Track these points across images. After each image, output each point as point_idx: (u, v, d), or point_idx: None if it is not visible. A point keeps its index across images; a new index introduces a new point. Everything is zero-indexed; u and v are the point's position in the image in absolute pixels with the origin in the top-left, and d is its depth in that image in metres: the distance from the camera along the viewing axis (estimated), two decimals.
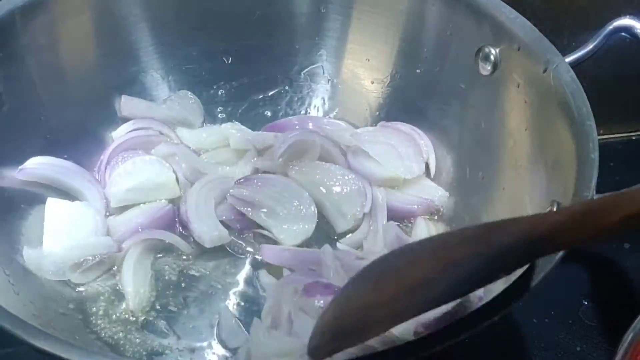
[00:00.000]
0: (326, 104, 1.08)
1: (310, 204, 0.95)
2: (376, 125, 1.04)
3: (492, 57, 0.89)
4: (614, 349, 0.76)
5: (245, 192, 0.94)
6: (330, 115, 1.08)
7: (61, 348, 0.61)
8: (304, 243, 0.93)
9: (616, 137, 1.18)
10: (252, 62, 1.05)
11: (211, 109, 1.06)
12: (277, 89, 1.07)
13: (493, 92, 0.90)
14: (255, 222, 0.94)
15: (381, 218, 0.95)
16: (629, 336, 0.75)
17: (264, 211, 0.94)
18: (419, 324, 0.70)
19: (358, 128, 1.04)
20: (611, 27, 0.83)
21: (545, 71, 0.82)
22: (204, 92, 1.06)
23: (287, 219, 0.94)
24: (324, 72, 1.06)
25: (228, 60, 1.05)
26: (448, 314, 0.69)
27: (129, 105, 1.01)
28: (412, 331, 0.70)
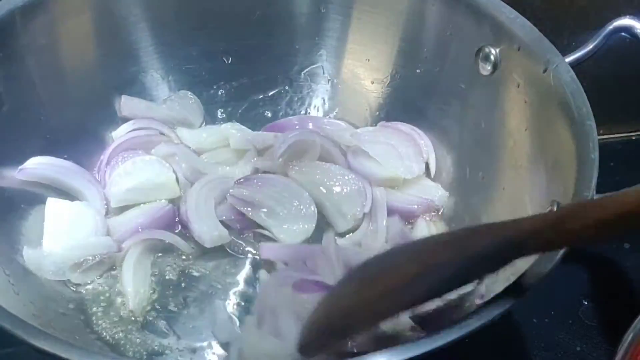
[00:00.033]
0: (326, 104, 1.08)
1: (310, 204, 0.95)
2: (376, 125, 1.04)
3: (492, 57, 0.89)
4: (614, 349, 0.76)
5: (245, 192, 0.94)
6: (330, 115, 1.08)
7: (61, 348, 0.61)
8: (304, 243, 0.93)
9: (616, 137, 1.18)
10: (252, 62, 1.05)
11: (211, 109, 1.06)
12: (277, 89, 1.07)
13: (493, 92, 0.90)
14: (255, 222, 0.95)
15: (381, 218, 0.95)
16: (629, 336, 0.75)
17: (264, 211, 0.94)
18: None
19: (358, 128, 1.05)
20: (611, 27, 0.83)
21: (545, 71, 0.82)
22: (204, 92, 1.06)
23: (287, 218, 0.94)
24: (324, 72, 1.06)
25: (228, 60, 1.05)
26: (444, 311, 0.70)
27: (129, 105, 1.01)
28: (408, 326, 0.71)
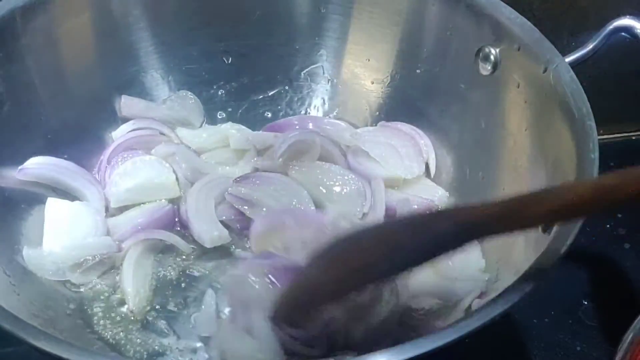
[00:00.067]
0: (326, 104, 1.08)
1: (309, 203, 0.95)
2: (376, 125, 1.04)
3: (492, 57, 0.89)
4: (614, 348, 0.76)
5: (243, 190, 0.94)
6: (330, 115, 1.08)
7: (61, 348, 0.61)
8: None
9: (616, 137, 1.18)
10: (252, 62, 1.05)
11: (211, 109, 1.06)
12: (277, 89, 1.07)
13: (493, 92, 0.90)
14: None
15: (380, 218, 0.95)
16: (629, 336, 0.75)
17: (263, 210, 0.94)
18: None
19: (358, 128, 1.04)
20: (611, 27, 0.82)
21: (545, 71, 0.82)
22: (204, 92, 1.06)
23: None
24: (324, 72, 1.06)
25: (228, 60, 1.05)
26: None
27: (129, 105, 1.01)
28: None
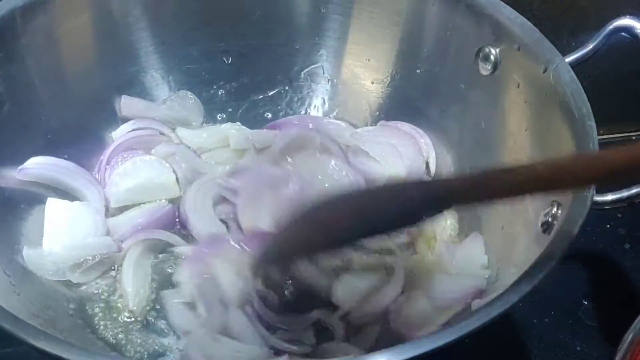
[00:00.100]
0: (326, 104, 1.08)
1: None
2: (376, 125, 1.04)
3: (492, 57, 0.89)
4: (614, 348, 0.76)
5: (236, 183, 0.94)
6: (330, 115, 1.07)
7: (61, 348, 0.61)
8: None
9: (616, 137, 1.18)
10: (252, 62, 1.05)
11: (211, 109, 1.06)
12: (277, 89, 1.07)
13: (493, 92, 0.90)
14: None
15: None
16: (629, 336, 0.75)
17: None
18: None
19: (358, 128, 1.04)
20: (611, 27, 0.82)
21: (545, 71, 0.82)
22: (204, 92, 1.06)
23: None
24: (324, 72, 1.06)
25: (228, 60, 1.05)
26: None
27: (128, 105, 1.01)
28: None
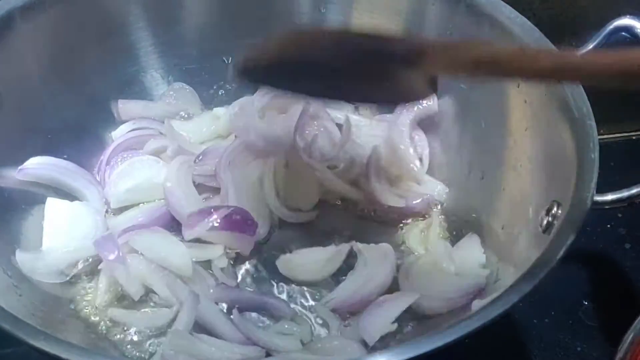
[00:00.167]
0: None
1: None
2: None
3: None
4: (614, 348, 0.76)
5: (208, 167, 0.95)
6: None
7: (61, 348, 0.61)
8: None
9: (616, 137, 1.18)
10: None
11: (211, 109, 1.06)
12: None
13: (493, 92, 0.90)
14: None
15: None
16: (629, 336, 0.75)
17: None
18: None
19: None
20: (611, 27, 0.82)
21: None
22: (204, 92, 1.06)
23: None
24: None
25: (228, 60, 1.05)
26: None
27: (126, 109, 1.01)
28: None
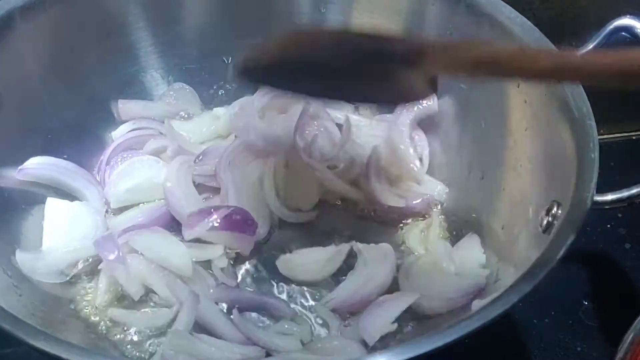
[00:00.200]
0: None
1: None
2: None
3: None
4: (614, 348, 0.76)
5: (208, 167, 0.95)
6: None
7: (61, 348, 0.61)
8: None
9: (616, 137, 1.18)
10: None
11: (211, 109, 1.06)
12: None
13: (493, 92, 0.90)
14: None
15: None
16: (629, 336, 0.75)
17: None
18: None
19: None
20: (611, 27, 0.82)
21: None
22: (204, 92, 1.06)
23: None
24: None
25: (228, 60, 1.05)
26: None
27: (126, 109, 1.01)
28: None
